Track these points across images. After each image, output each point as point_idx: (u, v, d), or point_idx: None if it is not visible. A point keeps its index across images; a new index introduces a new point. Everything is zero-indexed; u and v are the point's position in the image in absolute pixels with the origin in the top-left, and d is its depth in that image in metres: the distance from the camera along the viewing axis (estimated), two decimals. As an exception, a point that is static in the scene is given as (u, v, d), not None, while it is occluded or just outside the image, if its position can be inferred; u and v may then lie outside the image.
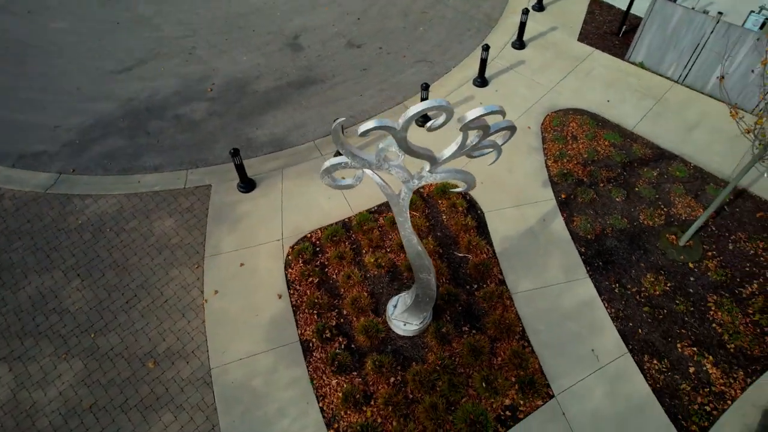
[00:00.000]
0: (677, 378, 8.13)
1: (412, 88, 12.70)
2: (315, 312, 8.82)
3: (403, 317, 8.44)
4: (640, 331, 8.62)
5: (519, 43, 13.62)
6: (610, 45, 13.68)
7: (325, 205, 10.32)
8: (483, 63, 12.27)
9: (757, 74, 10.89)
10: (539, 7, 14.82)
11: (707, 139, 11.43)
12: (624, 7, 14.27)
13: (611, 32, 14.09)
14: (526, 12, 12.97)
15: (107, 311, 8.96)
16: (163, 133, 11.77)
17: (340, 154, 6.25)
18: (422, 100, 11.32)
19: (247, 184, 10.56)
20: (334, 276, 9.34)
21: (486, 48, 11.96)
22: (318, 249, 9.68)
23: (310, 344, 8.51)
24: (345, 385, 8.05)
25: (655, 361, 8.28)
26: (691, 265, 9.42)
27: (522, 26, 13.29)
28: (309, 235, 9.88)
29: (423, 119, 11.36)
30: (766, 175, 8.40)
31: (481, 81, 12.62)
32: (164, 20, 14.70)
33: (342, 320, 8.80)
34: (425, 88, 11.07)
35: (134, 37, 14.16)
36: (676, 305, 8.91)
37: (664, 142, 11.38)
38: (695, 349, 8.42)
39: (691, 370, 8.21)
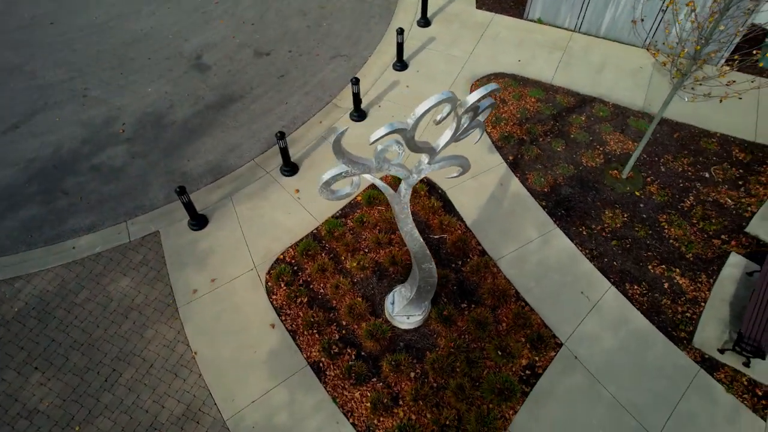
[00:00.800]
0: (657, 296, 8.93)
1: (336, 85, 12.50)
2: (314, 331, 8.55)
3: (405, 311, 8.44)
4: (615, 263, 9.33)
5: (424, 21, 13.86)
6: (507, 7, 14.36)
7: (288, 221, 9.95)
8: (399, 47, 12.35)
9: (639, 19, 11.96)
10: (430, -17, 15.13)
11: (614, 77, 12.46)
12: (508, -30, 14.99)
13: (503, -5, 14.78)
14: (425, -10, 13.20)
15: (86, 397, 8.04)
16: (84, 188, 10.61)
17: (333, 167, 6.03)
18: (354, 94, 11.21)
19: (199, 221, 9.88)
20: (322, 290, 9.08)
21: (401, 32, 12.04)
22: (296, 268, 9.34)
23: (321, 364, 8.26)
24: (369, 394, 7.92)
25: (635, 287, 9.02)
26: (637, 193, 10.31)
27: (424, 3, 13.52)
28: (281, 256, 9.49)
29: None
30: (687, 99, 9.35)
31: (401, 65, 12.72)
32: (39, 65, 13.14)
33: (344, 331, 8.61)
34: (356, 82, 10.95)
35: (8, 91, 12.52)
36: (636, 232, 9.73)
37: (580, 87, 12.25)
38: (663, 266, 9.28)
39: (666, 285, 9.05)
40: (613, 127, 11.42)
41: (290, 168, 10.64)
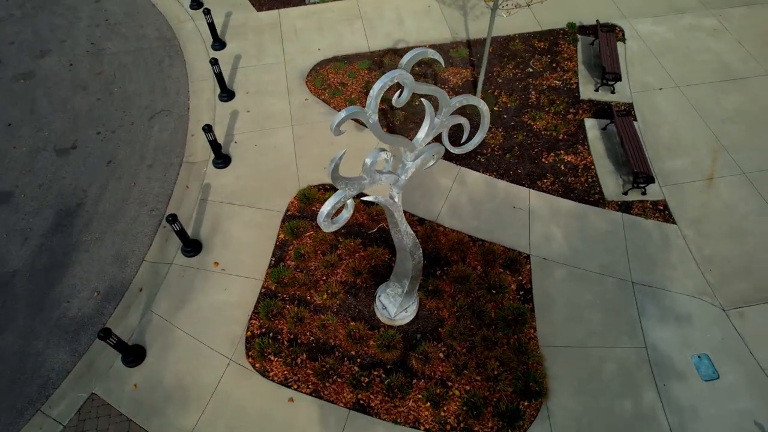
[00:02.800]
0: (562, 179, 10.42)
1: (175, 143, 11.25)
2: (333, 377, 8.11)
3: (402, 307, 8.48)
4: (519, 171, 10.55)
5: (219, 44, 13.07)
6: (285, 0, 14.27)
7: (230, 297, 9.00)
8: (219, 77, 11.54)
9: None
10: (197, 5, 14.18)
11: (414, 23, 13.51)
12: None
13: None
14: (207, 12, 12.36)
15: None
16: (-46, 407, 8.05)
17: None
18: (211, 141, 10.28)
19: (134, 353, 8.34)
20: (312, 337, 8.56)
21: (215, 62, 11.23)
22: (272, 334, 8.60)
23: (361, 401, 7.94)
24: (420, 395, 7.92)
25: (544, 180, 10.38)
26: (495, 108, 11.63)
27: (212, 27, 12.70)
28: (249, 333, 8.62)
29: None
30: (505, 15, 10.70)
31: (227, 94, 11.94)
32: None
33: (359, 359, 8.34)
34: (208, 129, 10.04)
35: None
36: (516, 139, 11.07)
37: (396, 42, 13.03)
38: (551, 154, 10.80)
39: (562, 167, 10.60)
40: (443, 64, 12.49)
41: (193, 246, 9.49)
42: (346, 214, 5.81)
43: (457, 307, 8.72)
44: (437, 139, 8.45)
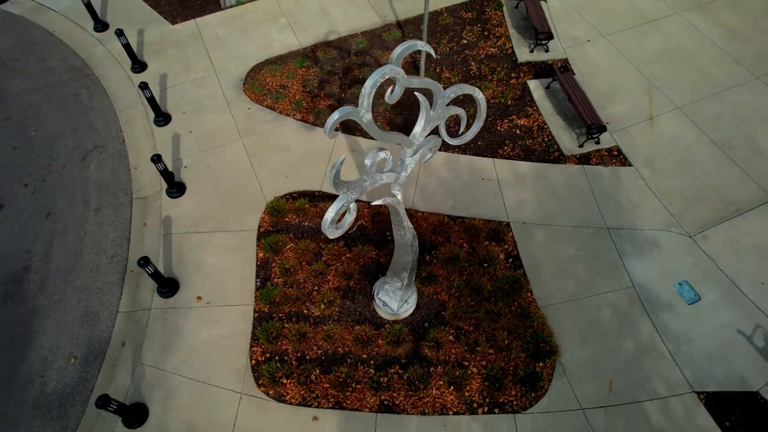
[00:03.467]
0: (520, 142, 10.70)
1: (119, 180, 10.40)
2: (352, 385, 7.98)
3: (403, 300, 8.45)
4: (479, 143, 10.71)
5: (139, 66, 12.12)
6: (199, 8, 13.44)
7: (223, 329, 8.55)
8: (152, 101, 10.73)
9: None
10: (102, 26, 13.02)
11: (341, 12, 13.20)
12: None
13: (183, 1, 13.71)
14: (120, 33, 11.38)
15: None
16: None
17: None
18: (162, 171, 9.59)
19: (137, 413, 7.76)
20: (320, 351, 8.35)
21: (144, 86, 10.41)
22: (277, 357, 8.29)
23: (385, 402, 7.88)
24: (442, 382, 7.98)
25: (504, 148, 10.62)
26: (441, 85, 11.66)
27: (128, 49, 11.72)
28: (253, 361, 8.26)
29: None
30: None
31: (163, 117, 11.14)
32: None
33: (372, 361, 8.24)
34: (158, 159, 9.35)
35: None
36: (468, 112, 11.18)
37: (326, 34, 12.70)
38: (505, 120, 11.05)
39: (517, 132, 10.89)
40: (379, 49, 12.36)
41: (169, 285, 8.89)
42: (349, 218, 5.71)
43: (455, 287, 8.81)
44: (434, 131, 8.41)
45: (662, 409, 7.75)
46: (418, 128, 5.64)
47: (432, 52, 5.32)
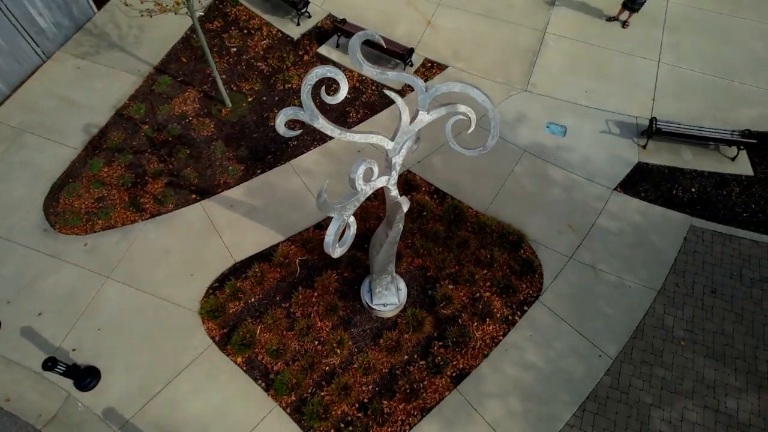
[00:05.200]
0: (358, 104, 10.97)
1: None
2: (417, 385, 7.95)
3: (398, 287, 8.47)
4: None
5: None
6: None
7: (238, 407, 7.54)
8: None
9: None
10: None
11: (98, 97, 11.17)
12: None
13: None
14: None
15: None
16: None
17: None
18: (79, 388, 7.48)
19: None
20: (368, 387, 8.00)
21: None
22: (348, 419, 7.72)
23: (463, 371, 8.07)
24: (476, 316, 8.42)
25: (353, 115, 10.79)
26: (250, 99, 11.05)
27: None
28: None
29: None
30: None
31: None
32: None
33: (415, 353, 8.24)
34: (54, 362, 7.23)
35: None
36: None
37: (95, 125, 10.74)
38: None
39: (349, 98, 11.08)
40: (163, 103, 10.98)
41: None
42: (351, 232, 5.77)
43: (421, 247, 9.05)
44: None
45: (609, 212, 9.49)
46: (404, 125, 5.51)
47: (381, 41, 5.34)
